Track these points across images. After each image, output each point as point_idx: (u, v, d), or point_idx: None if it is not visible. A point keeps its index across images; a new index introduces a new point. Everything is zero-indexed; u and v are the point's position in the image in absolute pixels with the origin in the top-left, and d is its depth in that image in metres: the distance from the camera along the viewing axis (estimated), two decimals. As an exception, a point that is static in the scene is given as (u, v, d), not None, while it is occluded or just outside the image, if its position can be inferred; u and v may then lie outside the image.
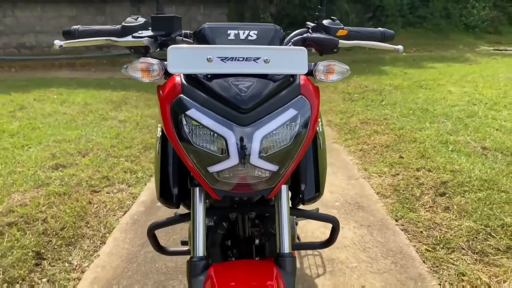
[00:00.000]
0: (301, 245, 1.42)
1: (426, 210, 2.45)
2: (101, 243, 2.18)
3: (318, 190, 1.11)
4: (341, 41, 1.06)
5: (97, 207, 2.55)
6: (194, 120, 0.82)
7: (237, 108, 0.81)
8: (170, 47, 0.80)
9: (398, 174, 2.99)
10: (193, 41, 1.04)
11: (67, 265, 1.98)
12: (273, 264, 0.91)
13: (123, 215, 2.49)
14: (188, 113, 0.82)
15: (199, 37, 0.92)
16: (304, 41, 1.09)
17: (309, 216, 1.16)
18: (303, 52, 0.83)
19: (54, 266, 1.97)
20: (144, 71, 0.89)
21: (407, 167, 3.07)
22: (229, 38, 0.89)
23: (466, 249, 2.04)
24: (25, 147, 3.61)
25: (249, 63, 0.81)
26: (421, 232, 2.23)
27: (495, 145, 3.40)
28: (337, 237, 1.14)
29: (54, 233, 2.22)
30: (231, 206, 1.12)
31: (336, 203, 2.61)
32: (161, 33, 1.02)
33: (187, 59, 0.80)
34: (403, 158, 3.26)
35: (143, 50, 1.03)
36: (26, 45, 10.61)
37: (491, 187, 2.63)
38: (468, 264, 1.93)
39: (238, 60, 0.80)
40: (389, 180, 2.91)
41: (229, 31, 0.89)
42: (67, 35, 1.08)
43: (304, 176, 1.08)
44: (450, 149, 3.37)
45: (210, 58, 0.80)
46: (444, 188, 2.68)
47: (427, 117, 4.41)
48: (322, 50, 1.09)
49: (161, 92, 0.90)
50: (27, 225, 2.27)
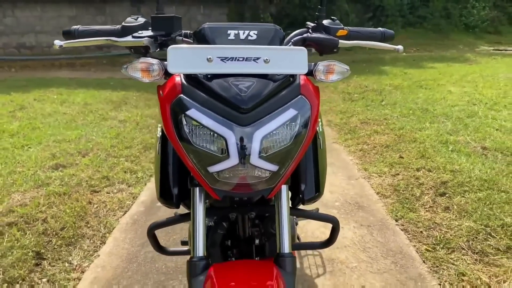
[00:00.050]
0: (301, 245, 1.42)
1: (426, 210, 2.45)
2: (101, 243, 2.18)
3: (318, 190, 1.11)
4: (341, 41, 1.06)
5: (97, 207, 2.55)
6: (194, 120, 0.82)
7: (237, 108, 0.81)
8: (170, 47, 0.80)
9: (398, 174, 2.99)
10: (193, 41, 1.04)
11: (67, 265, 1.98)
12: (273, 264, 0.91)
13: (123, 215, 2.49)
14: (188, 113, 0.82)
15: (199, 37, 0.92)
16: (304, 41, 1.09)
17: (309, 216, 1.16)
18: (303, 52, 0.83)
19: (54, 266, 1.97)
20: (144, 71, 0.89)
21: (407, 167, 3.07)
22: (229, 38, 0.89)
23: (466, 249, 2.04)
24: (25, 147, 3.61)
25: (249, 63, 0.81)
26: (421, 232, 2.23)
27: (495, 145, 3.40)
28: (337, 237, 1.14)
29: (54, 233, 2.22)
30: (231, 206, 1.12)
31: (336, 203, 2.61)
32: (161, 33, 1.02)
33: (187, 59, 0.80)
34: (403, 158, 3.26)
35: (143, 50, 1.03)
36: (26, 45, 10.61)
37: (491, 187, 2.63)
38: (468, 264, 1.93)
39: (238, 60, 0.80)
40: (389, 180, 2.91)
41: (229, 31, 0.89)
42: (67, 35, 1.08)
43: (304, 176, 1.08)
44: (450, 149, 3.37)
45: (210, 58, 0.80)
46: (444, 188, 2.68)
47: (427, 117, 4.41)
48: (322, 50, 1.09)
49: (161, 92, 0.90)
50: (27, 225, 2.27)
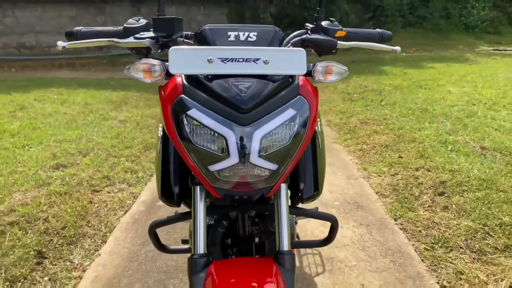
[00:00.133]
0: (300, 243, 1.43)
1: (425, 209, 2.47)
2: (102, 242, 2.20)
3: (317, 188, 1.12)
4: (339, 42, 1.08)
5: (98, 207, 2.57)
6: (195, 119, 0.84)
7: (237, 108, 0.83)
8: (171, 48, 0.82)
9: (397, 173, 3.01)
10: (194, 42, 1.06)
11: (68, 264, 2.00)
12: (273, 261, 0.92)
13: (124, 214, 2.50)
14: (189, 113, 0.84)
15: (200, 39, 0.93)
16: (303, 42, 1.10)
17: (308, 214, 1.17)
18: (302, 53, 0.85)
19: (55, 265, 1.99)
20: (146, 71, 0.91)
21: (406, 167, 3.08)
22: (229, 39, 0.90)
23: (464, 248, 2.06)
24: (26, 147, 3.62)
25: (249, 64, 0.82)
26: (420, 231, 2.24)
27: (494, 145, 3.41)
28: (335, 235, 1.15)
29: (55, 232, 2.23)
30: (231, 204, 1.13)
31: (335, 203, 2.63)
32: (162, 34, 1.04)
33: (188, 60, 0.82)
34: (402, 158, 3.28)
35: (145, 51, 1.05)
36: (26, 45, 10.63)
37: (489, 187, 2.65)
38: (466, 262, 1.94)
39: (238, 61, 0.82)
40: (388, 179, 2.92)
41: (229, 33, 0.91)
42: (70, 36, 1.09)
43: (303, 175, 1.10)
44: (449, 149, 3.38)
45: (210, 59, 0.81)
46: (443, 187, 2.70)
47: (427, 117, 4.42)
48: (320, 51, 1.11)
49: (162, 92, 0.91)
50: (29, 224, 2.29)
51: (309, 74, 0.95)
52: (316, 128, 1.07)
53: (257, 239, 1.21)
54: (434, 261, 1.97)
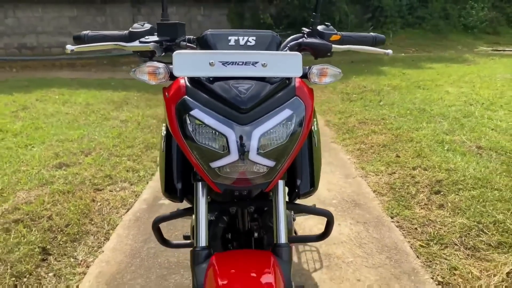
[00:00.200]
0: (297, 238, 1.49)
1: (421, 207, 2.52)
2: (105, 239, 2.25)
3: (313, 185, 1.18)
4: (334, 45, 1.13)
5: (100, 205, 2.62)
6: (197, 119, 0.89)
7: (237, 108, 0.88)
8: (175, 52, 0.87)
9: (394, 172, 3.06)
10: (196, 46, 1.11)
11: (72, 260, 2.05)
12: (271, 253, 0.97)
13: (126, 212, 2.55)
14: (192, 113, 0.89)
15: (202, 43, 0.99)
16: (299, 45, 1.16)
17: (305, 210, 1.22)
18: (298, 56, 0.90)
19: (60, 261, 2.04)
20: (151, 74, 0.96)
21: (404, 166, 3.13)
22: (229, 44, 0.96)
23: (458, 244, 2.11)
24: (29, 146, 3.67)
25: (248, 67, 0.88)
26: (416, 228, 2.29)
27: (490, 144, 3.46)
28: (331, 230, 1.20)
29: (59, 229, 2.28)
30: (231, 200, 1.19)
31: (333, 201, 2.68)
32: (166, 38, 1.09)
33: (191, 63, 0.87)
34: (399, 157, 3.33)
35: (149, 54, 1.10)
36: (27, 45, 10.69)
37: (484, 185, 2.70)
38: (460, 259, 1.99)
39: (238, 64, 0.87)
40: (385, 178, 2.98)
41: (229, 37, 0.96)
42: (77, 40, 1.15)
43: (300, 172, 1.15)
44: (445, 148, 3.43)
45: (212, 62, 0.87)
46: (439, 186, 2.75)
47: (424, 117, 4.47)
48: (316, 54, 1.16)
49: (166, 93, 0.97)
50: (33, 222, 2.34)
51: (305, 76, 1.01)
52: (312, 127, 1.12)
53: (256, 234, 1.26)
54: (429, 257, 2.02)
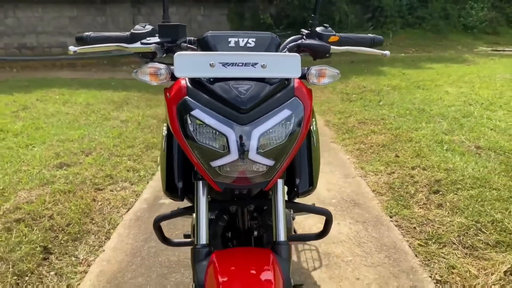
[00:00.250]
0: (296, 236, 1.50)
1: (419, 207, 2.54)
2: (106, 239, 2.26)
3: (312, 184, 1.19)
4: (332, 47, 1.15)
5: (101, 204, 2.63)
6: (198, 119, 0.91)
7: (237, 108, 0.90)
8: (176, 53, 0.89)
9: (393, 172, 3.07)
10: (197, 47, 1.13)
11: (73, 259, 2.07)
12: (270, 251, 0.99)
13: (127, 212, 2.57)
14: (192, 113, 0.91)
15: (203, 44, 1.00)
16: (298, 47, 1.18)
17: (304, 208, 1.24)
18: (297, 58, 0.92)
19: (61, 260, 2.05)
20: (152, 75, 0.98)
21: (403, 166, 3.15)
22: (229, 45, 0.98)
23: (457, 243, 2.12)
24: (29, 146, 3.69)
25: (248, 68, 0.90)
26: (414, 227, 2.31)
27: (488, 144, 3.48)
28: (330, 229, 1.22)
29: (60, 229, 2.30)
30: (232, 199, 1.20)
31: (333, 200, 2.70)
32: (167, 39, 1.11)
33: (192, 65, 0.89)
34: (399, 157, 3.35)
35: (151, 55, 1.12)
36: (27, 45, 10.70)
37: (483, 185, 2.71)
38: (458, 258, 2.01)
39: (238, 65, 0.89)
40: (384, 178, 2.99)
41: (229, 39, 0.98)
42: (80, 41, 1.17)
43: (299, 171, 1.17)
44: (445, 148, 3.45)
45: (212, 63, 0.89)
46: (437, 186, 2.76)
47: (424, 117, 4.49)
48: (315, 55, 1.18)
49: (168, 94, 0.99)
50: (34, 221, 2.35)
51: (303, 77, 1.03)
52: (311, 127, 1.14)
53: (255, 233, 1.28)
54: (427, 256, 2.04)
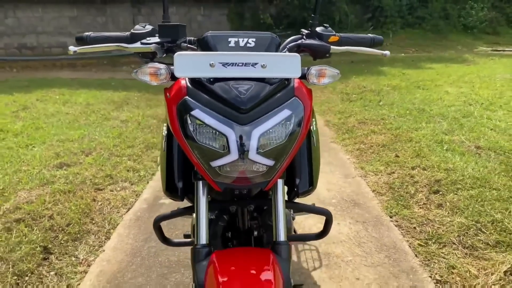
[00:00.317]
0: (296, 236, 1.50)
1: (419, 207, 2.54)
2: (106, 239, 2.26)
3: (312, 184, 1.19)
4: (332, 47, 1.15)
5: (101, 204, 2.63)
6: (198, 119, 0.91)
7: (237, 108, 0.90)
8: (176, 53, 0.89)
9: (393, 172, 3.07)
10: (197, 47, 1.13)
11: (73, 259, 2.07)
12: (270, 251, 0.99)
13: (127, 212, 2.57)
14: (192, 113, 0.91)
15: (203, 44, 1.00)
16: (298, 47, 1.18)
17: (304, 208, 1.24)
18: (297, 58, 0.92)
19: (61, 260, 2.05)
20: (152, 75, 0.98)
21: (403, 166, 3.15)
22: (229, 45, 0.98)
23: (457, 243, 2.12)
24: (29, 146, 3.69)
25: (248, 68, 0.89)
26: (414, 227, 2.31)
27: (488, 144, 3.48)
28: (330, 229, 1.22)
29: (60, 229, 2.30)
30: (232, 199, 1.20)
31: (333, 200, 2.70)
32: (167, 40, 1.11)
33: (192, 65, 0.89)
34: (398, 157, 3.35)
35: (151, 55, 1.12)
36: (27, 45, 10.71)
37: (483, 185, 2.71)
38: (458, 257, 2.01)
39: (238, 65, 0.89)
40: (384, 178, 2.99)
41: (229, 39, 0.98)
42: (80, 41, 1.17)
43: (299, 171, 1.17)
44: (444, 148, 3.45)
45: (212, 63, 0.88)
46: (437, 186, 2.76)
47: (424, 117, 4.49)
48: (315, 55, 1.18)
49: (168, 94, 0.99)
50: (34, 221, 2.35)
51: (303, 77, 1.03)
52: (311, 127, 1.14)
53: (255, 233, 1.28)
54: (427, 256, 2.04)
